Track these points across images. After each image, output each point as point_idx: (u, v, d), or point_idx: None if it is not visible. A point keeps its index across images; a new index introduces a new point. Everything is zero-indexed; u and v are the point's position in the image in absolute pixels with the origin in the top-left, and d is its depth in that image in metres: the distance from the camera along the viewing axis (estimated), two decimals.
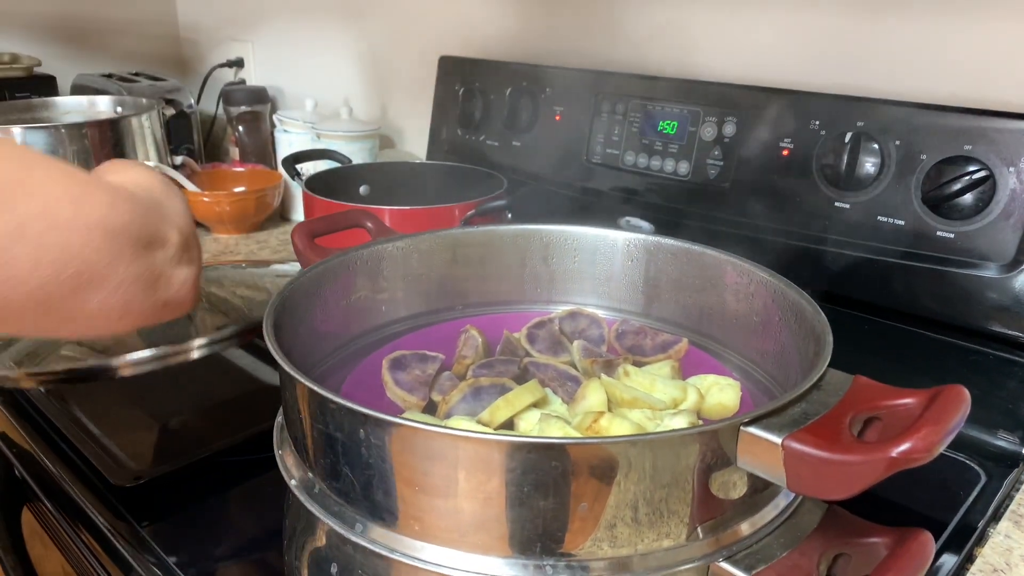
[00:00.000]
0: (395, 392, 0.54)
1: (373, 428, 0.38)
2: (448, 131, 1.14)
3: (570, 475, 0.36)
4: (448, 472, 0.37)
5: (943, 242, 0.70)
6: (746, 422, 0.37)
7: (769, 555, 0.39)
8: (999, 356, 0.70)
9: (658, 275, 0.64)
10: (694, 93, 0.87)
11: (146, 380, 0.72)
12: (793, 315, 0.52)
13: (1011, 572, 0.57)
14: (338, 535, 0.42)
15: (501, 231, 0.67)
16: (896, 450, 0.33)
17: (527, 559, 0.38)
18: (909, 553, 0.37)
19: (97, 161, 1.11)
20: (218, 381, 0.72)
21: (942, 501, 0.65)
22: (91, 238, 0.36)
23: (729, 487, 0.40)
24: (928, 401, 0.37)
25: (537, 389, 0.51)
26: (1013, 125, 0.66)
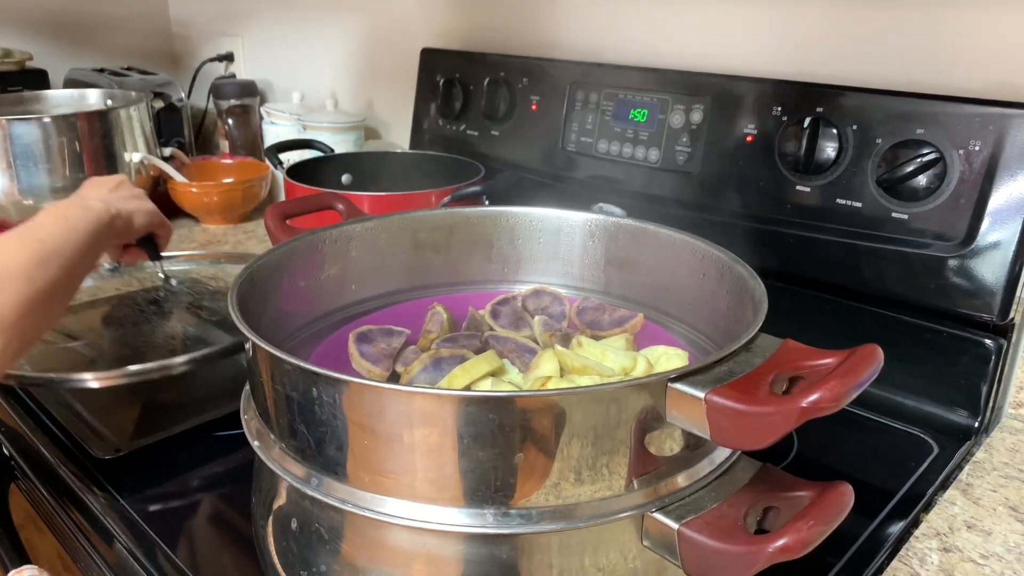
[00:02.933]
0: (360, 363, 0.57)
1: (324, 386, 0.40)
2: (430, 122, 1.17)
3: (507, 428, 0.39)
4: (392, 426, 0.39)
5: (898, 223, 0.73)
6: (673, 378, 0.39)
7: (699, 506, 0.42)
8: (952, 333, 0.73)
9: (618, 254, 0.66)
10: (663, 81, 0.90)
11: None
12: (737, 287, 0.54)
13: (953, 536, 0.59)
14: (296, 491, 0.44)
15: (468, 213, 0.69)
16: (805, 401, 0.36)
17: (472, 508, 0.40)
18: (828, 501, 0.39)
19: (86, 151, 1.13)
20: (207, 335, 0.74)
21: (894, 472, 0.67)
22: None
23: (664, 443, 0.42)
24: (844, 359, 0.39)
25: (494, 359, 0.54)
26: (962, 109, 0.69)
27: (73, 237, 0.59)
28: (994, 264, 0.68)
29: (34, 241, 0.55)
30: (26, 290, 0.52)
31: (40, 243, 0.56)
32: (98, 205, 0.65)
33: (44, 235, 0.57)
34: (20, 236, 0.56)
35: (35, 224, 0.58)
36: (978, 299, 0.69)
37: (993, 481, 0.66)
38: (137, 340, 0.74)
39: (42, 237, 0.56)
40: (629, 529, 0.42)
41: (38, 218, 0.60)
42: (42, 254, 0.55)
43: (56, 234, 0.58)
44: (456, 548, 0.42)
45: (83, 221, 0.62)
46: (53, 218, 0.60)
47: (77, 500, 0.63)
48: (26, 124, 1.09)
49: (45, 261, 0.55)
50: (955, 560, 0.56)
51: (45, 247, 0.56)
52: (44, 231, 0.57)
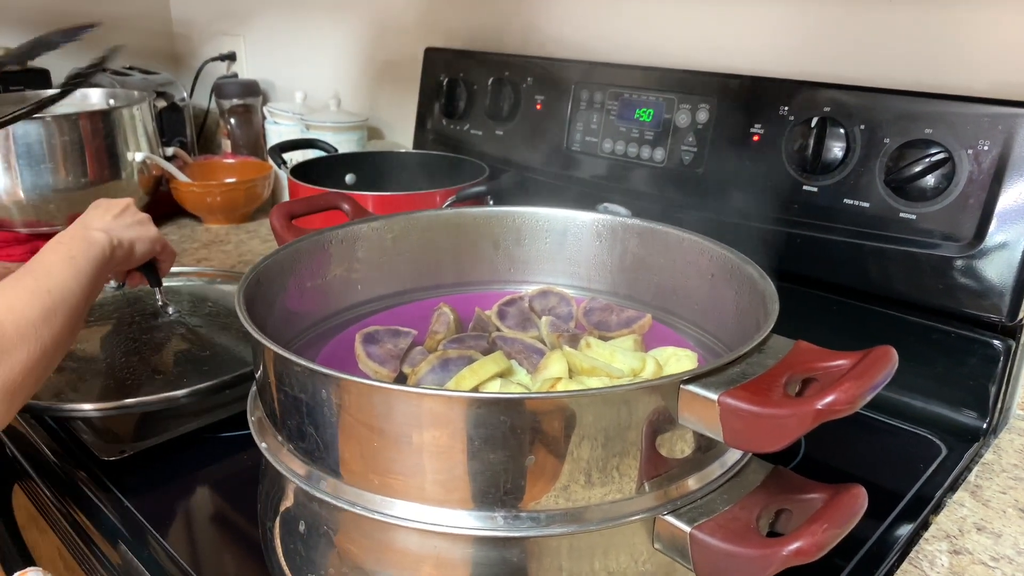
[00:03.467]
0: (367, 364, 0.57)
1: (332, 387, 0.40)
2: (433, 121, 1.17)
3: (518, 430, 0.38)
4: (401, 428, 0.39)
5: (906, 223, 0.72)
6: (686, 380, 0.39)
7: (711, 509, 0.41)
8: (960, 334, 0.72)
9: (625, 254, 0.66)
10: (669, 81, 0.89)
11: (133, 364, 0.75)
12: (747, 287, 0.54)
13: (962, 538, 0.59)
14: (304, 493, 0.44)
15: (474, 213, 0.69)
16: (821, 403, 0.35)
17: (481, 510, 0.40)
18: (841, 504, 0.39)
19: (89, 151, 1.13)
20: (204, 361, 0.74)
21: (903, 473, 0.67)
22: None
23: (675, 445, 0.42)
24: (858, 361, 0.39)
25: (502, 360, 0.53)
26: (971, 109, 0.68)
27: (78, 280, 0.58)
28: (1003, 265, 0.68)
29: (43, 293, 0.54)
30: (35, 350, 0.52)
31: (48, 294, 0.55)
32: (101, 237, 0.65)
33: (52, 285, 0.56)
34: (28, 287, 0.54)
35: (42, 269, 0.57)
36: (986, 300, 0.69)
37: (1002, 483, 0.66)
38: (135, 365, 0.73)
39: (51, 287, 0.55)
40: (640, 532, 0.42)
41: (44, 259, 0.59)
42: (50, 306, 0.54)
43: (63, 281, 0.57)
44: (465, 551, 0.41)
45: (87, 258, 0.61)
46: (59, 259, 0.59)
47: (81, 501, 0.62)
48: (28, 124, 1.08)
49: (52, 313, 0.54)
50: (965, 563, 0.56)
51: (53, 298, 0.55)
52: (52, 280, 0.56)
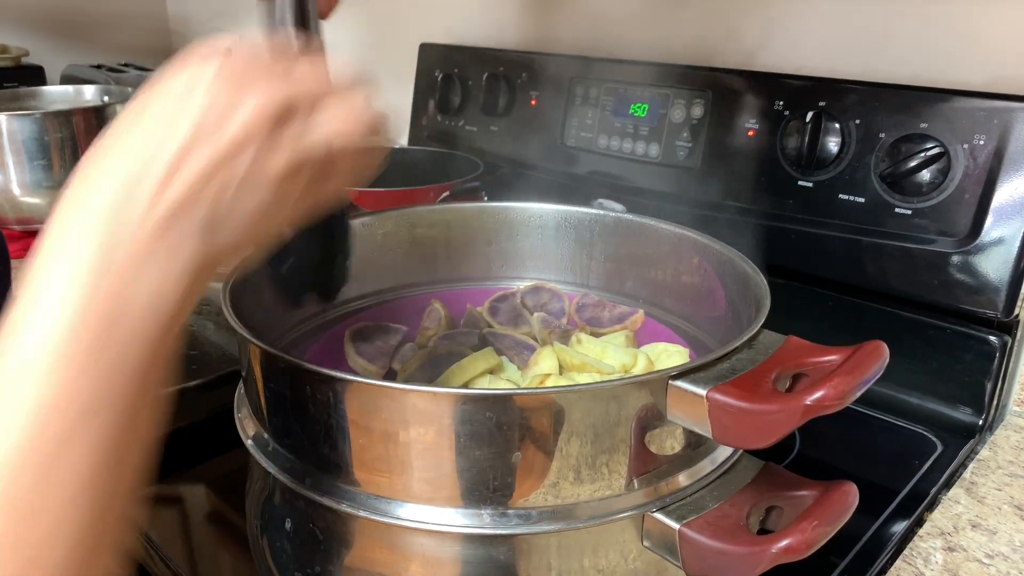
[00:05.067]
0: (356, 361, 0.56)
1: (317, 384, 0.39)
2: (428, 117, 1.16)
3: (505, 426, 0.38)
4: (388, 425, 0.39)
5: (901, 218, 0.72)
6: (674, 375, 0.39)
7: (701, 506, 0.41)
8: (956, 330, 0.72)
9: (618, 250, 0.65)
10: (664, 76, 0.89)
11: None
12: (740, 283, 0.53)
13: (957, 535, 0.58)
14: (290, 490, 0.43)
15: (466, 208, 0.68)
16: (810, 398, 0.35)
17: (469, 508, 0.40)
18: (832, 500, 0.39)
19: (83, 148, 1.12)
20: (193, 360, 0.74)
21: (898, 470, 0.66)
22: None
23: (664, 441, 0.41)
24: (848, 356, 0.38)
25: (492, 356, 0.53)
26: (966, 103, 0.68)
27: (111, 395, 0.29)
28: (999, 260, 0.67)
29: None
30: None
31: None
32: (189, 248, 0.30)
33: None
34: None
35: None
36: (982, 295, 0.68)
37: (998, 479, 0.65)
38: None
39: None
40: (629, 529, 0.42)
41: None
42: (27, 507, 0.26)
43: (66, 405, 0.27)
44: (453, 549, 0.41)
45: (122, 343, 0.29)
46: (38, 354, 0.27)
47: None
48: (22, 120, 1.08)
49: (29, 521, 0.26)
50: (960, 560, 0.56)
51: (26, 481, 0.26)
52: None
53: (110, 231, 0.29)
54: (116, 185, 0.29)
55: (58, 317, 0.28)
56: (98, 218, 0.29)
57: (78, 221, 0.29)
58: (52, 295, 0.28)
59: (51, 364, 0.27)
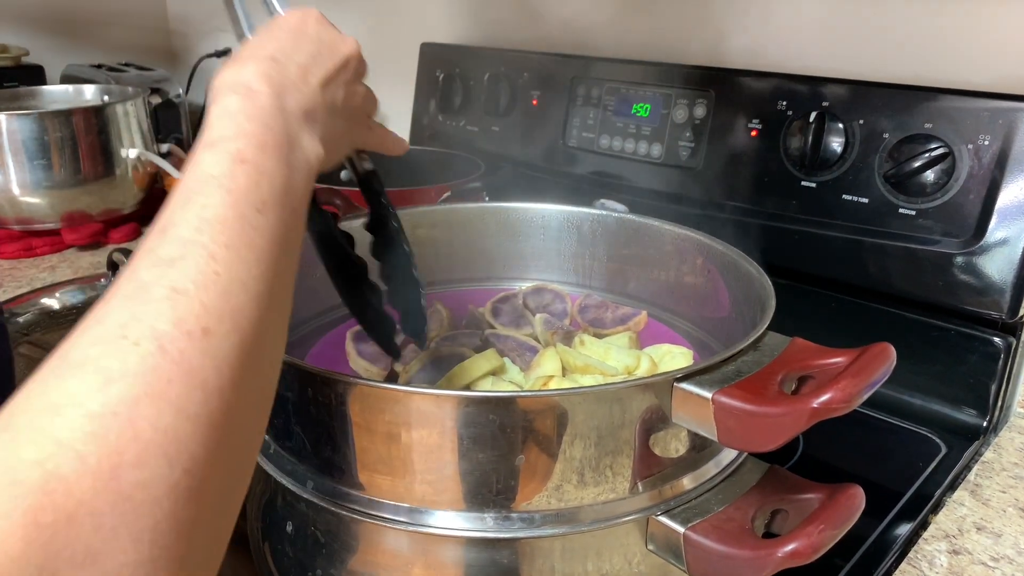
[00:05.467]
0: (357, 362, 0.56)
1: (319, 386, 0.39)
2: (429, 117, 1.16)
3: (508, 429, 0.37)
4: (390, 427, 0.38)
5: (905, 219, 0.72)
6: (679, 378, 0.38)
7: (706, 509, 0.41)
8: (960, 331, 0.71)
9: (621, 251, 0.65)
10: (666, 76, 0.89)
11: None
12: (744, 284, 0.53)
13: (962, 538, 0.58)
14: (291, 493, 0.43)
15: (468, 209, 0.68)
16: (816, 401, 0.35)
17: (472, 511, 0.39)
18: (838, 504, 0.38)
19: (83, 147, 1.12)
20: None
21: (902, 472, 0.66)
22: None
23: (669, 444, 0.41)
24: (855, 358, 0.38)
25: (494, 357, 0.52)
26: (971, 103, 0.67)
27: (265, 271, 0.29)
28: (1003, 261, 0.67)
29: (181, 346, 0.25)
30: (175, 478, 0.24)
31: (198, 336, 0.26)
32: (306, 149, 0.35)
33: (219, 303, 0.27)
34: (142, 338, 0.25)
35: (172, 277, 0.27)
36: (987, 296, 0.68)
37: (1002, 482, 0.65)
38: None
39: (205, 317, 0.26)
40: (633, 533, 0.41)
41: (173, 248, 0.28)
42: (213, 369, 0.26)
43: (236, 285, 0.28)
44: (456, 552, 0.41)
45: (277, 210, 0.31)
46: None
47: None
48: (21, 120, 1.07)
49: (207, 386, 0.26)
50: (965, 563, 0.55)
51: (212, 344, 0.26)
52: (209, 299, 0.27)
53: (279, 91, 0.34)
54: (272, 67, 0.35)
55: (248, 131, 0.32)
56: (268, 83, 0.34)
57: (249, 83, 0.34)
58: (241, 117, 0.32)
59: (246, 155, 0.31)
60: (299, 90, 0.36)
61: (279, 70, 0.35)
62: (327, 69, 0.38)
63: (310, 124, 0.35)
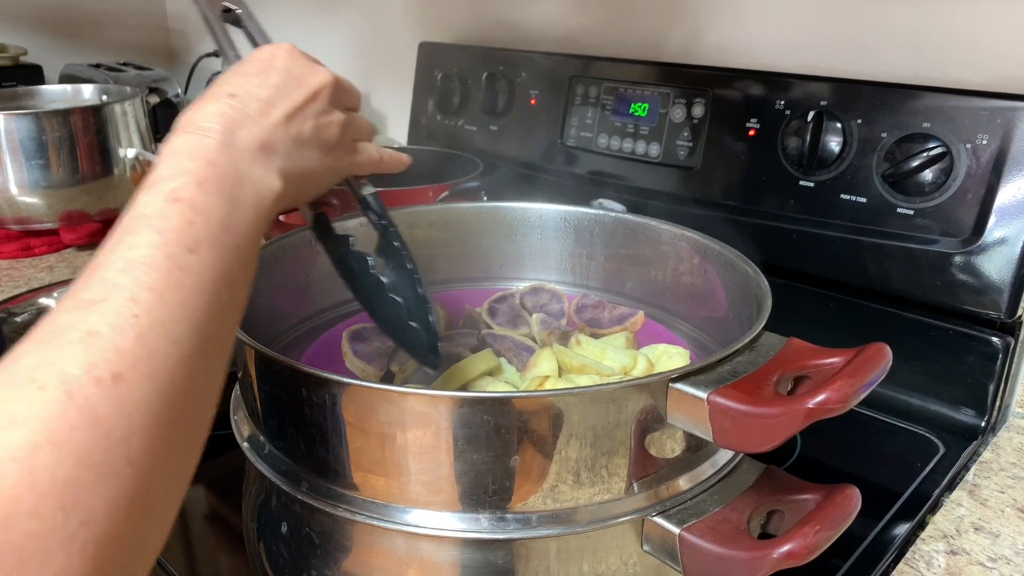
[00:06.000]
0: (353, 363, 0.56)
1: (313, 386, 0.39)
2: (428, 116, 1.15)
3: (503, 429, 0.37)
4: (385, 428, 0.38)
5: (903, 219, 0.71)
6: (674, 378, 0.38)
7: (701, 510, 0.41)
8: (958, 331, 0.71)
9: (618, 250, 0.65)
10: (664, 75, 0.88)
11: None
12: (741, 284, 0.53)
13: (960, 538, 0.58)
14: (286, 494, 0.43)
15: (465, 208, 0.68)
16: (812, 401, 0.35)
17: (467, 512, 0.39)
18: (834, 504, 0.38)
19: (81, 147, 1.12)
20: None
21: (900, 472, 0.66)
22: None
23: (665, 445, 0.41)
24: (851, 358, 0.38)
25: (491, 358, 0.52)
26: (969, 103, 0.67)
27: (216, 291, 0.30)
28: (1001, 260, 0.67)
29: (115, 354, 0.26)
30: (110, 492, 0.25)
31: (143, 355, 0.26)
32: (262, 182, 0.35)
33: (157, 325, 0.27)
34: (81, 340, 0.25)
35: (126, 289, 0.27)
36: (985, 296, 0.68)
37: (1000, 482, 0.65)
38: None
39: (146, 332, 0.27)
40: (629, 533, 0.41)
41: (131, 253, 0.28)
42: (149, 389, 0.26)
43: (181, 309, 0.28)
44: (451, 554, 0.41)
45: (232, 233, 0.32)
46: (170, 249, 0.29)
47: None
48: (19, 119, 1.07)
49: (148, 407, 0.26)
50: (962, 563, 0.55)
51: (151, 365, 0.26)
52: (157, 318, 0.27)
53: (230, 128, 0.34)
54: (228, 104, 0.35)
55: (188, 169, 0.32)
56: (220, 121, 0.34)
57: (202, 124, 0.34)
58: (183, 157, 0.33)
59: (186, 194, 0.31)
60: (256, 124, 0.35)
61: (236, 106, 0.35)
62: (293, 101, 0.38)
63: (265, 157, 0.35)
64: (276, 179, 0.35)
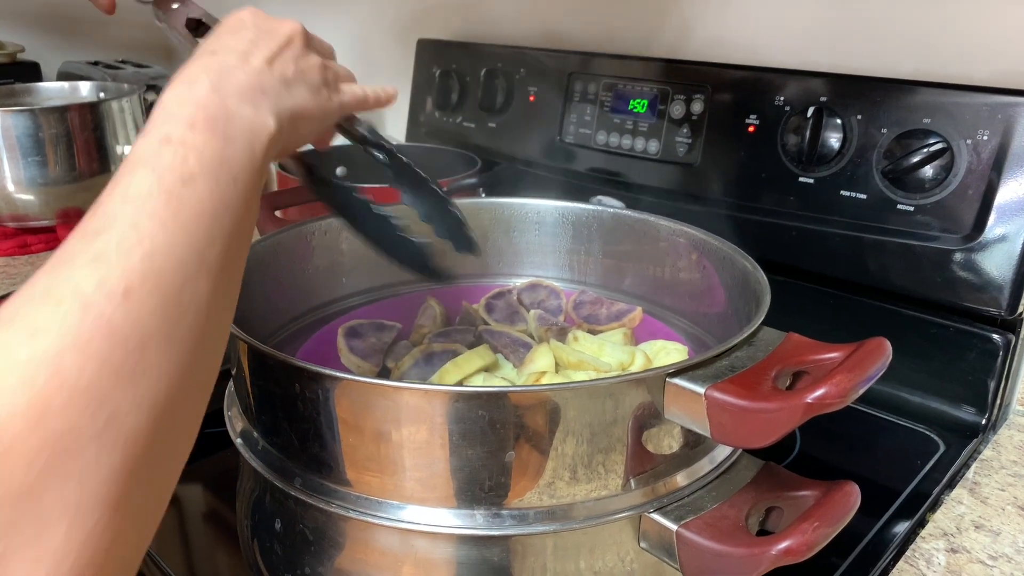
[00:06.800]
0: (349, 358, 0.55)
1: (307, 381, 0.39)
2: (426, 114, 1.15)
3: (499, 425, 0.37)
4: (379, 423, 0.38)
5: (903, 215, 0.71)
6: (671, 373, 0.38)
7: (699, 507, 0.40)
8: (959, 328, 0.71)
9: (616, 246, 0.65)
10: (663, 71, 0.88)
11: None
12: (740, 280, 0.53)
13: (960, 536, 0.57)
14: (280, 490, 0.42)
15: (463, 205, 0.67)
16: (811, 396, 0.34)
17: (462, 508, 0.39)
18: (833, 501, 0.38)
19: (78, 144, 1.12)
20: None
21: (900, 470, 0.65)
22: None
23: (662, 440, 0.40)
24: (850, 353, 0.37)
25: (487, 354, 0.52)
26: (970, 98, 0.67)
27: (220, 233, 0.31)
28: (1002, 257, 0.66)
29: (122, 294, 0.27)
30: (111, 446, 0.26)
31: (147, 290, 0.27)
32: (255, 119, 0.35)
33: (151, 262, 0.28)
34: (82, 289, 0.26)
35: (122, 227, 0.28)
36: (986, 293, 0.68)
37: (1001, 480, 0.64)
38: None
39: (146, 271, 0.28)
40: (626, 530, 0.41)
41: (129, 193, 0.29)
42: (151, 328, 0.27)
43: (177, 246, 0.29)
44: (446, 550, 0.40)
45: (231, 174, 0.32)
46: (167, 189, 0.30)
47: None
48: (16, 116, 1.07)
49: (154, 344, 0.27)
50: (963, 561, 0.55)
51: (156, 300, 0.28)
52: (149, 249, 0.28)
53: (216, 76, 0.35)
54: (211, 59, 0.36)
55: (179, 114, 0.33)
56: (205, 73, 0.35)
57: (189, 78, 0.35)
58: (173, 105, 0.33)
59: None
60: (241, 70, 0.37)
61: (218, 59, 0.37)
62: (270, 48, 0.40)
63: (255, 98, 0.36)
64: (269, 118, 0.36)
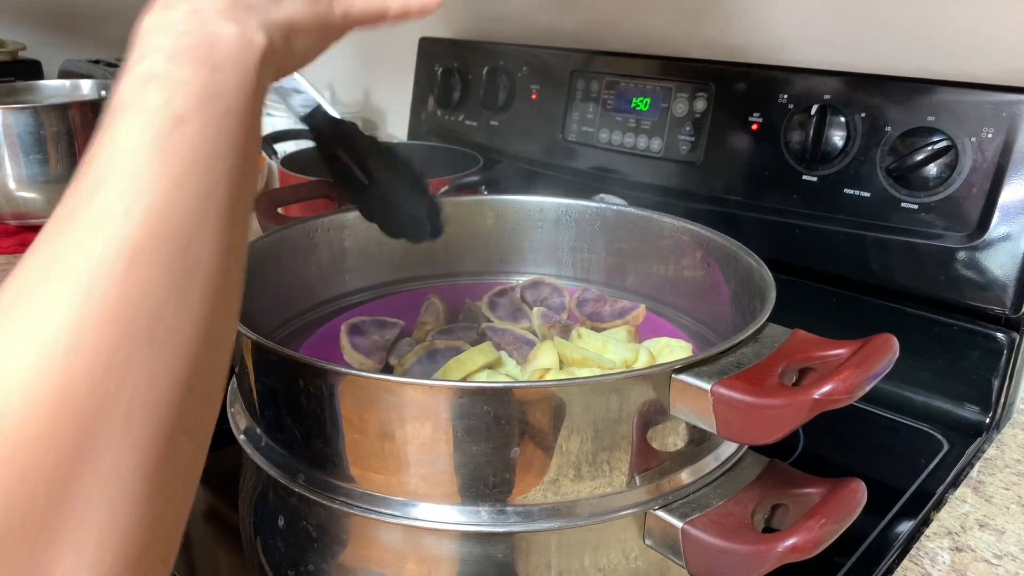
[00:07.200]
0: (352, 355, 0.55)
1: (310, 377, 0.38)
2: (428, 112, 1.15)
3: (503, 421, 0.37)
4: (383, 420, 0.37)
5: (907, 213, 0.71)
6: (677, 369, 0.38)
7: (704, 504, 0.40)
8: (962, 326, 0.71)
9: (619, 244, 0.64)
10: (666, 69, 0.88)
11: None
12: (744, 277, 0.52)
13: (965, 535, 0.57)
14: (283, 487, 0.42)
15: (466, 202, 0.67)
16: (818, 392, 0.34)
17: (466, 505, 0.39)
18: (839, 498, 0.38)
19: (79, 142, 1.11)
20: None
21: (904, 469, 0.65)
22: None
23: (667, 437, 0.40)
24: (857, 349, 0.37)
25: (490, 351, 0.52)
26: (974, 96, 0.67)
27: (219, 174, 0.29)
28: (1006, 255, 0.66)
29: (128, 255, 0.26)
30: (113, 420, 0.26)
31: (153, 246, 0.27)
32: (246, 36, 0.32)
33: (155, 216, 0.27)
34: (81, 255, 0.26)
35: (117, 177, 0.27)
36: (990, 291, 0.67)
37: (1005, 478, 0.64)
38: None
39: (153, 224, 0.27)
40: (631, 527, 0.40)
41: (117, 139, 0.28)
42: (159, 284, 0.27)
43: (178, 195, 0.28)
44: (450, 547, 0.40)
45: (224, 106, 0.30)
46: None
47: None
48: (18, 114, 1.07)
49: (158, 305, 0.27)
50: (967, 560, 0.55)
51: (162, 254, 0.27)
52: (148, 203, 0.27)
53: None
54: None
55: (158, 45, 0.30)
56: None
57: (165, 1, 0.32)
58: (152, 35, 0.31)
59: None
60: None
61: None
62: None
63: (239, 14, 0.32)
64: (258, 34, 0.32)
